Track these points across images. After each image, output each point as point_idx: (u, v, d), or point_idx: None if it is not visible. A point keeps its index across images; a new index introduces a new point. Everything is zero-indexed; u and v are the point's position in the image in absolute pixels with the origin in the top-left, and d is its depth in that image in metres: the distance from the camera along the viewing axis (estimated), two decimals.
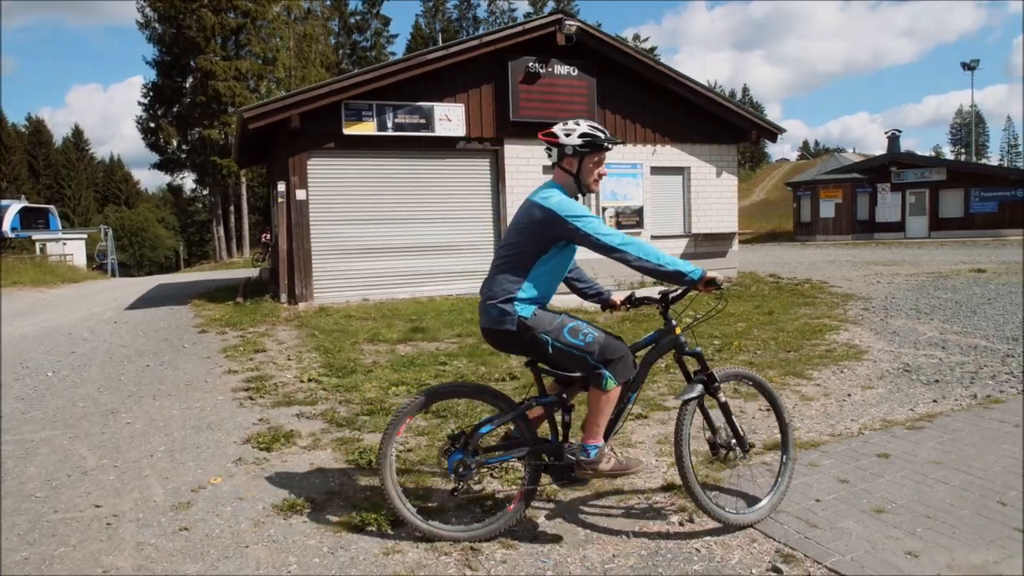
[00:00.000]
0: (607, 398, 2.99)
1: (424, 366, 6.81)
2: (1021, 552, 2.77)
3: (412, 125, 12.04)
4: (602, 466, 3.02)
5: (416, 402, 3.21)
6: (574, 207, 3.00)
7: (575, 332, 3.00)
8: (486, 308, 3.11)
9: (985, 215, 29.41)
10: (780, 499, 3.24)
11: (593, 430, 3.04)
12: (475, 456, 3.13)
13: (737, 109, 14.53)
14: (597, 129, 3.12)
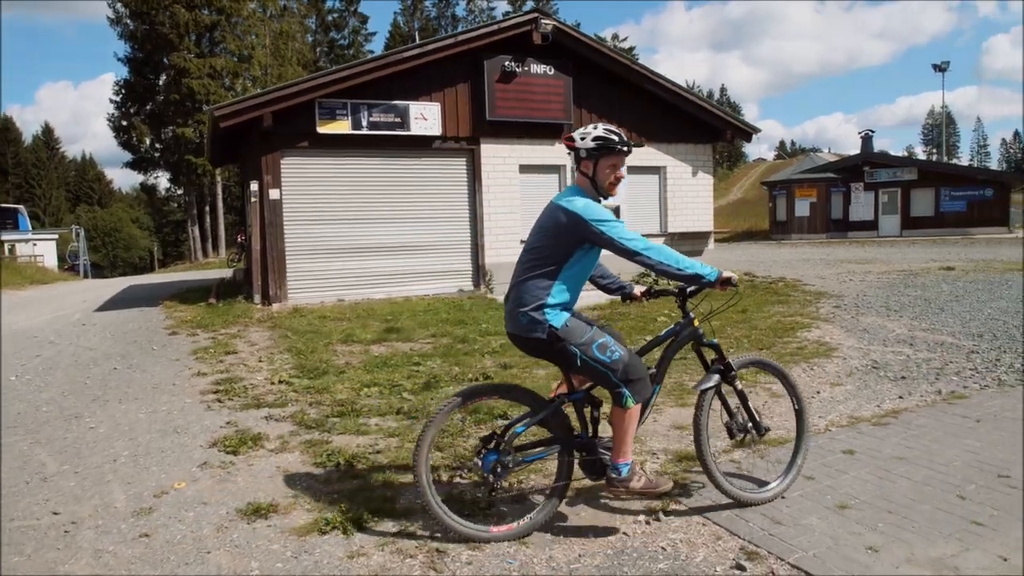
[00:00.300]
0: (630, 416, 3.08)
1: (398, 367, 6.77)
2: (978, 545, 2.82)
3: (387, 124, 11.96)
4: (633, 484, 3.10)
5: (452, 402, 3.20)
6: (599, 211, 3.05)
7: (603, 348, 3.05)
8: (515, 315, 3.12)
9: (955, 214, 29.99)
10: (795, 478, 3.44)
11: (622, 449, 3.10)
12: (510, 455, 3.16)
13: (712, 109, 14.64)
14: (611, 132, 3.15)
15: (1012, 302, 9.77)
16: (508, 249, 12.94)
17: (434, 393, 5.74)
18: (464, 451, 4.22)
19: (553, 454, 3.23)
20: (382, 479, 3.82)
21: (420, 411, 5.17)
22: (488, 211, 12.78)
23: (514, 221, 13.01)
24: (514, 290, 3.18)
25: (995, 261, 16.99)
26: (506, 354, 7.22)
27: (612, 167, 3.16)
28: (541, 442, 3.30)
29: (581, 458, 3.23)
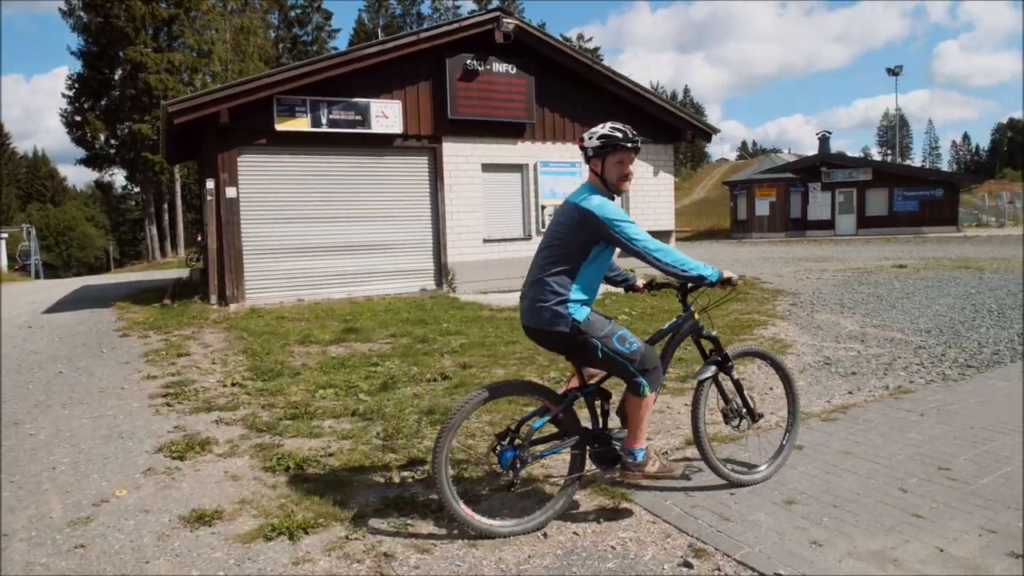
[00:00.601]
0: (645, 403, 3.20)
1: (355, 367, 6.68)
2: (917, 537, 2.88)
3: (347, 122, 11.83)
4: (648, 468, 3.24)
5: (478, 397, 3.21)
6: (614, 210, 3.14)
7: (623, 340, 3.16)
8: (536, 310, 3.18)
9: (907, 213, 30.85)
10: (784, 461, 3.65)
11: (636, 435, 3.22)
12: (528, 450, 3.21)
13: (673, 109, 14.81)
14: (617, 130, 3.22)
15: (958, 299, 10.08)
16: (471, 248, 12.91)
17: (391, 394, 5.67)
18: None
19: (567, 447, 3.30)
20: (333, 482, 3.76)
21: (376, 412, 5.10)
22: (450, 210, 12.72)
23: (477, 220, 12.98)
24: (533, 287, 3.23)
25: (945, 259, 17.52)
26: (466, 354, 7.19)
27: (619, 163, 3.24)
28: (555, 436, 3.35)
29: (593, 450, 3.33)
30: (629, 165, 3.26)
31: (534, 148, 13.51)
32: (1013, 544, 2.79)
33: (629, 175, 3.27)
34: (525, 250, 13.45)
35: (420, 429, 4.71)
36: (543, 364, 6.63)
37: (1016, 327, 7.77)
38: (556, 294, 3.12)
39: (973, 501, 3.21)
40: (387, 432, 4.64)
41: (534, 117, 13.28)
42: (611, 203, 3.19)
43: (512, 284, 13.07)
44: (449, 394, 5.63)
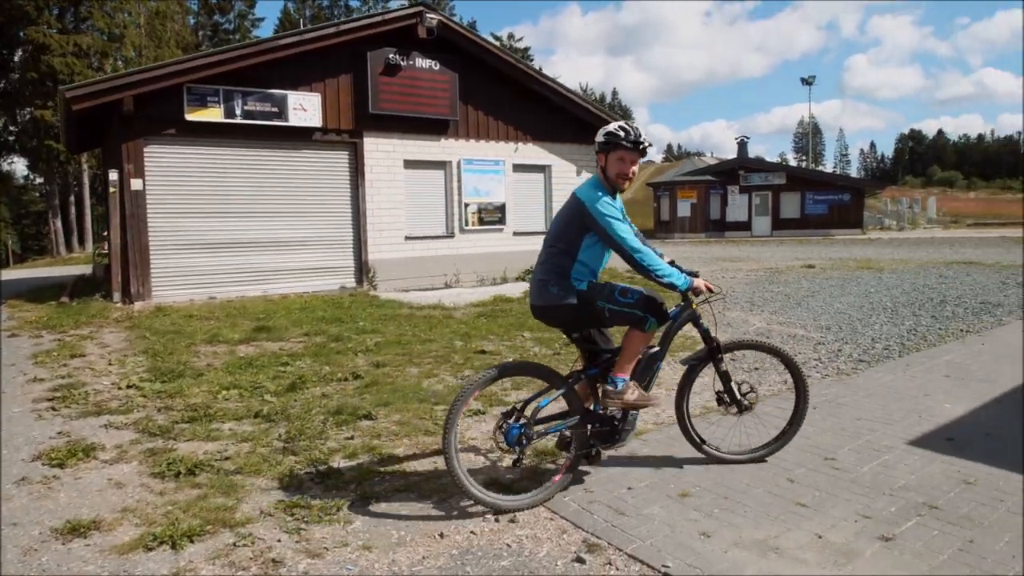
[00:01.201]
0: (644, 338, 3.41)
1: (263, 367, 6.46)
2: (799, 525, 3.00)
3: (263, 113, 11.43)
4: (627, 397, 3.41)
5: (488, 375, 3.35)
6: (606, 206, 3.34)
7: (624, 293, 3.38)
8: (543, 288, 3.42)
9: (818, 216, 32.43)
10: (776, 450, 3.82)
11: (624, 365, 3.42)
12: (533, 428, 3.36)
13: (595, 110, 15.01)
14: (622, 129, 3.41)
15: (858, 297, 10.63)
16: (392, 245, 12.73)
17: (298, 395, 5.51)
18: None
19: (570, 426, 3.44)
20: (226, 486, 3.60)
21: (280, 414, 4.94)
22: (371, 207, 12.50)
23: (399, 217, 12.81)
24: (539, 269, 3.50)
25: (850, 260, 18.48)
26: (381, 353, 7.07)
27: (619, 160, 3.40)
28: (559, 415, 3.50)
29: (594, 429, 3.47)
30: (631, 165, 3.43)
31: (458, 146, 13.44)
32: (884, 528, 2.94)
33: (629, 174, 3.44)
34: (448, 248, 13.38)
35: (325, 430, 4.59)
36: (458, 362, 6.59)
37: (907, 323, 8.26)
38: (559, 274, 3.39)
39: (852, 488, 3.37)
40: (290, 434, 4.50)
41: (458, 114, 13.20)
42: (607, 199, 3.36)
43: (434, 282, 12.98)
44: (359, 394, 5.52)
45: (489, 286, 12.76)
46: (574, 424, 3.44)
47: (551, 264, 3.42)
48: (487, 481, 3.54)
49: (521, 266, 14.07)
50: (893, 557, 2.71)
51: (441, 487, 3.58)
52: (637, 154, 3.42)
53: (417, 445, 4.29)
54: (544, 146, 14.59)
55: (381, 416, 4.92)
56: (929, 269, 15.33)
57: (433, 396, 5.40)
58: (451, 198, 13.44)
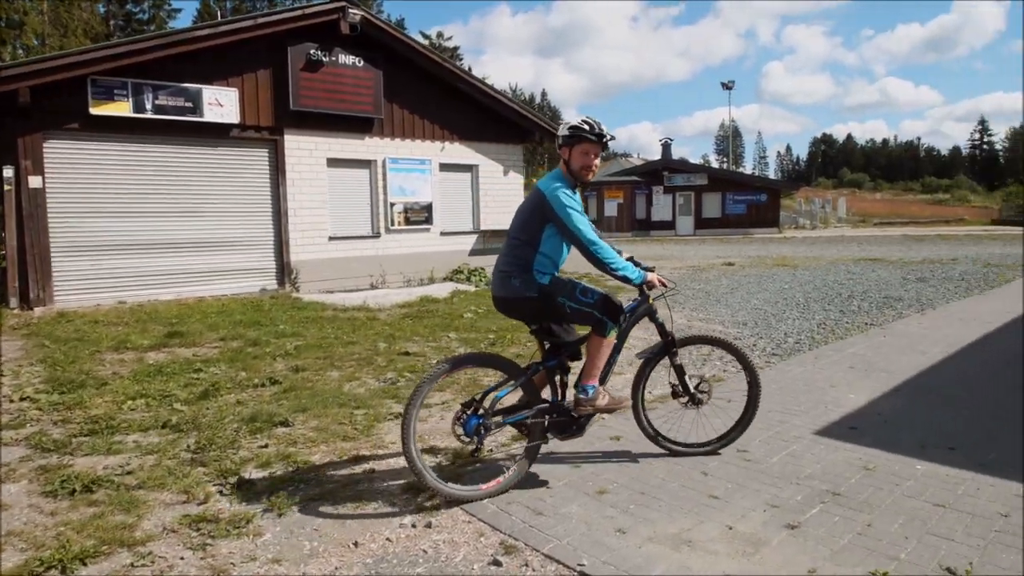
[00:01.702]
0: (606, 344, 3.49)
1: (174, 375, 6.15)
2: (711, 517, 3.07)
3: (176, 108, 10.93)
4: (599, 403, 3.51)
5: (438, 371, 3.37)
6: (566, 198, 3.40)
7: (585, 292, 3.45)
8: (506, 280, 3.48)
9: (737, 216, 33.66)
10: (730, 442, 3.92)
11: (592, 372, 3.50)
12: (491, 419, 3.42)
13: (521, 110, 15.07)
14: (586, 123, 3.48)
15: (774, 293, 11.07)
16: (316, 245, 12.41)
17: (211, 402, 5.27)
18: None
19: (528, 416, 3.49)
20: (126, 503, 3.40)
21: (191, 423, 4.71)
22: (293, 206, 12.14)
23: (322, 217, 12.50)
24: (502, 261, 3.55)
25: (767, 258, 19.25)
26: (300, 357, 6.86)
27: (584, 154, 3.48)
28: (517, 406, 3.56)
29: (552, 419, 3.53)
30: (595, 157, 3.52)
31: (383, 144, 13.23)
32: (791, 517, 3.05)
33: (593, 167, 3.53)
34: (373, 249, 13.15)
35: (237, 439, 4.41)
36: (381, 365, 6.47)
37: (817, 318, 8.64)
38: (521, 267, 3.45)
39: (762, 479, 3.48)
40: (199, 444, 4.29)
41: (383, 112, 12.98)
42: (567, 192, 3.42)
43: (360, 283, 12.73)
44: (276, 400, 5.33)
45: (416, 287, 12.61)
46: (532, 414, 3.49)
47: (513, 256, 3.48)
48: (446, 472, 3.61)
49: (449, 266, 13.98)
50: (798, 544, 2.80)
51: (358, 494, 3.49)
52: (599, 147, 3.52)
53: (335, 451, 4.17)
54: (471, 145, 14.54)
55: (298, 422, 4.77)
56: (839, 266, 16.13)
57: (353, 400, 5.28)
58: (376, 197, 13.22)
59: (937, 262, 16.66)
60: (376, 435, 4.47)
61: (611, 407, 3.56)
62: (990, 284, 11.89)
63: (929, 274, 13.75)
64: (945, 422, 4.34)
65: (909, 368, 5.84)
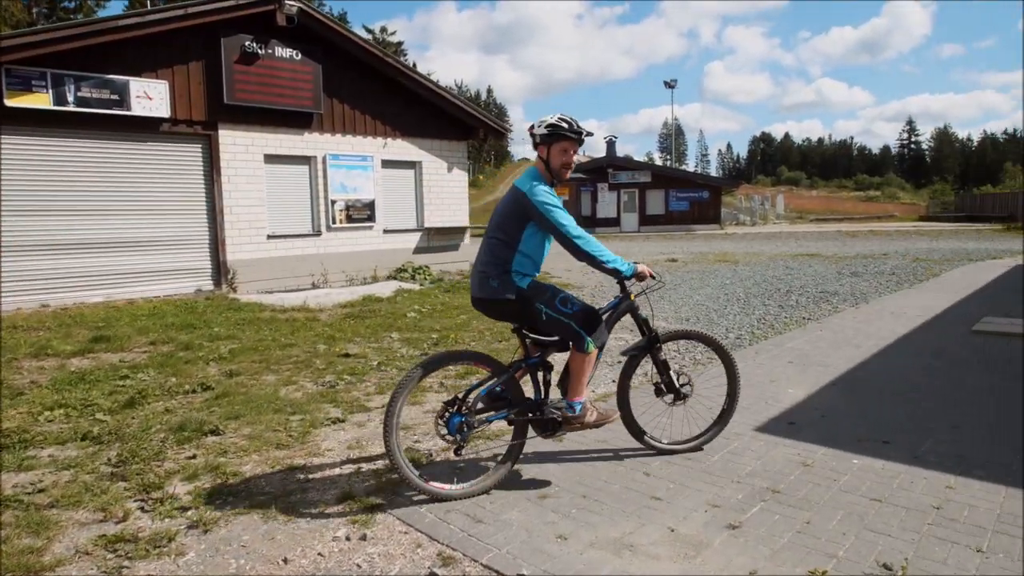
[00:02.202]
0: (588, 360, 3.43)
1: (98, 382, 5.82)
2: (653, 519, 3.03)
3: (101, 101, 10.39)
4: (587, 419, 3.49)
5: (418, 372, 3.33)
6: (545, 196, 3.36)
7: (565, 302, 3.42)
8: (484, 280, 3.43)
9: (680, 212, 34.27)
10: (711, 439, 3.93)
11: (577, 388, 3.46)
12: (474, 417, 3.40)
13: (465, 106, 14.92)
14: (564, 121, 3.47)
15: (716, 289, 11.26)
16: (254, 244, 12.02)
17: (137, 411, 4.99)
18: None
19: (510, 415, 3.48)
20: (36, 524, 3.15)
21: (114, 434, 4.44)
22: (229, 203, 11.71)
23: (260, 214, 12.10)
24: (480, 261, 3.51)
25: (709, 254, 19.63)
26: (235, 360, 6.60)
27: (563, 151, 3.46)
28: (499, 404, 3.51)
29: (534, 417, 3.50)
30: (573, 154, 3.51)
31: (323, 140, 12.89)
32: (732, 516, 3.04)
33: (571, 163, 3.50)
34: (315, 247, 12.81)
35: (163, 450, 4.17)
36: (320, 368, 6.27)
37: (757, 312, 8.81)
38: (500, 267, 3.39)
39: (704, 478, 3.47)
40: (121, 456, 4.04)
41: (322, 107, 12.65)
42: (546, 189, 3.40)
43: (301, 283, 12.40)
44: (208, 407, 5.09)
45: (359, 286, 12.34)
46: (515, 413, 3.48)
47: (492, 256, 3.44)
48: (428, 470, 3.61)
49: (393, 264, 13.75)
50: (739, 545, 2.78)
51: (290, 506, 3.33)
52: (578, 144, 3.52)
53: (267, 461, 3.99)
54: (414, 142, 14.32)
55: (230, 430, 4.56)
56: (778, 261, 16.56)
57: (289, 406, 5.08)
58: (317, 195, 12.88)
59: (870, 257, 17.28)
60: (312, 442, 4.30)
61: (599, 422, 3.54)
62: (919, 278, 12.37)
63: (862, 269, 14.23)
64: (879, 415, 4.44)
65: (844, 362, 5.98)
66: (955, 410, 4.52)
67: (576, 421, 3.47)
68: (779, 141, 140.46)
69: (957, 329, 7.39)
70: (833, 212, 60.90)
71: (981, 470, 3.44)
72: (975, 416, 4.37)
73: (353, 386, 5.67)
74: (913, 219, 49.40)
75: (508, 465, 3.46)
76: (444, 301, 10.47)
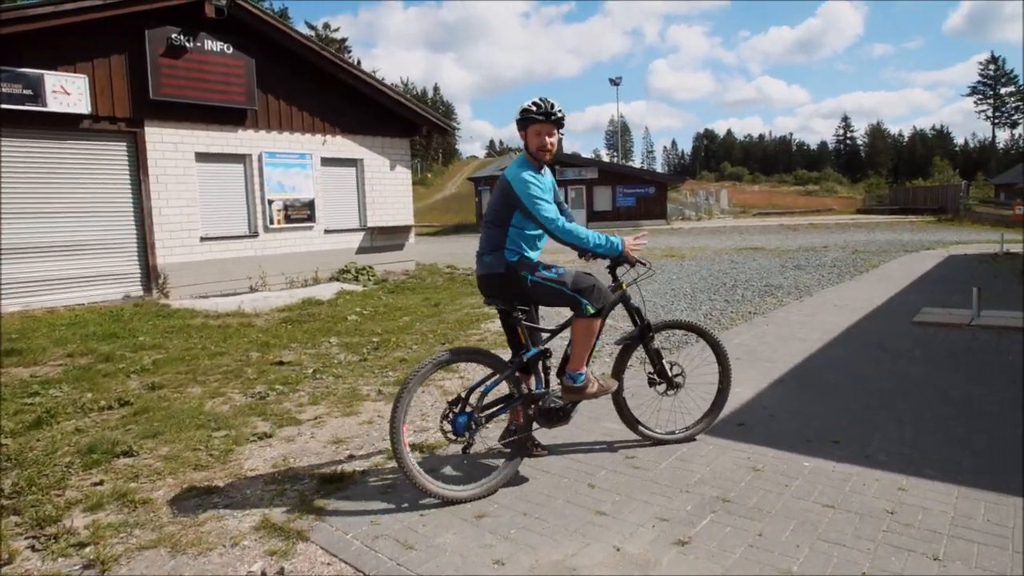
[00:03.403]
0: (588, 326, 3.38)
1: (3, 401, 5.32)
2: (598, 537, 2.82)
3: (13, 96, 9.68)
4: (589, 390, 3.47)
5: (430, 364, 3.28)
6: (528, 184, 3.33)
7: (549, 268, 3.41)
8: (480, 259, 3.52)
9: (627, 208, 34.52)
10: (703, 429, 3.95)
11: (578, 357, 3.43)
12: (480, 414, 3.36)
13: (407, 103, 14.56)
14: (535, 104, 3.42)
15: (662, 284, 11.22)
16: (186, 247, 11.43)
17: (44, 432, 4.56)
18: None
19: (514, 408, 3.48)
20: None
21: (14, 460, 4.02)
22: (158, 204, 11.10)
23: (192, 216, 11.51)
24: (479, 244, 3.56)
25: (656, 249, 19.71)
26: (159, 372, 6.17)
27: (536, 135, 3.43)
28: (502, 399, 3.49)
29: (538, 408, 3.46)
30: (548, 136, 3.43)
31: (258, 137, 12.36)
32: (681, 531, 2.85)
33: (547, 146, 3.43)
34: (251, 249, 12.28)
35: (67, 476, 3.78)
36: (251, 377, 5.91)
37: (704, 308, 8.76)
38: (493, 245, 3.45)
39: (651, 488, 3.28)
40: (17, 486, 3.64)
41: (256, 103, 12.12)
42: (530, 175, 3.35)
43: (238, 286, 11.87)
44: (124, 424, 4.69)
45: (299, 288, 11.88)
46: (518, 407, 3.46)
47: (487, 237, 3.50)
48: (437, 473, 3.51)
49: (335, 266, 13.32)
50: (688, 563, 2.60)
51: (201, 537, 3.01)
52: (551, 125, 3.44)
53: (183, 484, 3.64)
54: (355, 139, 13.89)
55: (145, 451, 4.18)
56: (723, 256, 16.72)
57: (214, 421, 4.71)
58: (252, 194, 12.34)
59: (811, 250, 17.61)
60: (234, 461, 3.97)
61: (600, 393, 3.50)
62: (859, 270, 12.61)
63: (805, 262, 14.45)
64: (827, 413, 4.35)
65: (791, 357, 5.92)
66: (901, 404, 4.47)
67: (577, 392, 3.45)
68: (722, 137, 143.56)
69: (898, 320, 7.47)
70: (775, 206, 62.48)
71: (931, 469, 3.35)
72: (921, 410, 4.32)
73: (285, 396, 5.33)
74: (850, 212, 51.02)
75: (516, 461, 3.40)
76: (387, 303, 10.14)
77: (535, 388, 3.53)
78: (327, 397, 5.26)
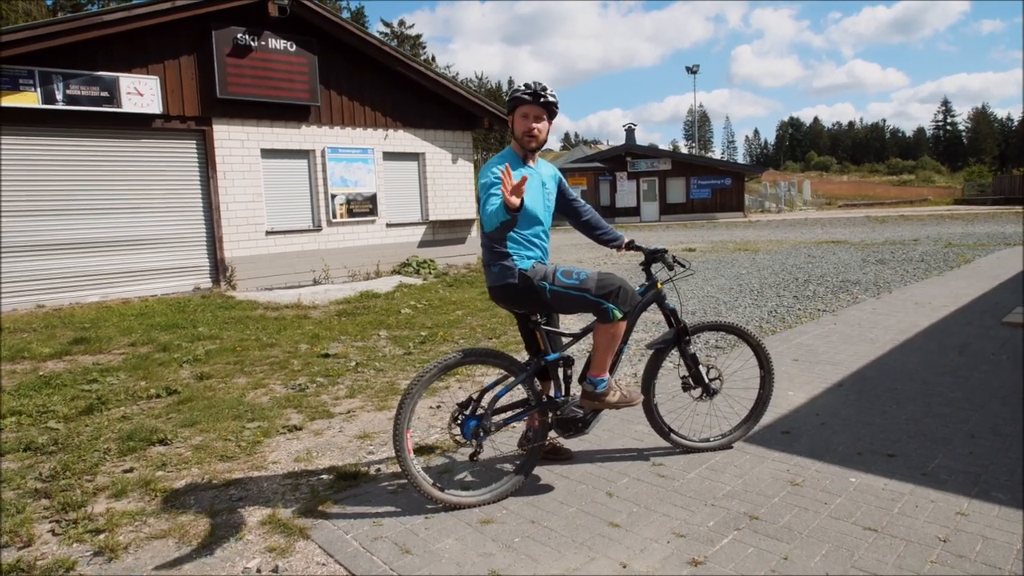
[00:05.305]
0: (614, 332, 3.11)
1: (63, 387, 5.57)
2: (605, 552, 2.61)
3: (91, 99, 10.19)
4: (609, 398, 3.19)
5: (440, 365, 3.10)
6: (483, 176, 3.07)
7: (567, 274, 3.09)
8: (488, 270, 3.25)
9: (702, 200, 33.47)
10: (741, 436, 3.68)
11: (600, 363, 3.16)
12: (491, 419, 3.15)
13: (468, 95, 14.49)
14: (524, 85, 3.20)
15: (729, 279, 10.72)
16: (252, 241, 11.77)
17: (93, 418, 4.72)
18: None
19: (530, 415, 3.27)
20: None
21: (61, 444, 4.16)
22: (226, 200, 11.47)
23: (258, 210, 11.84)
24: (482, 254, 3.30)
25: (729, 242, 18.98)
26: (210, 362, 6.31)
27: (523, 117, 3.18)
28: (517, 404, 3.29)
29: (556, 417, 3.28)
30: (534, 121, 3.16)
31: (321, 133, 12.58)
32: (697, 549, 2.60)
33: (533, 131, 3.17)
34: (315, 243, 12.53)
35: (101, 462, 3.87)
36: (295, 369, 5.95)
37: (770, 304, 8.28)
38: (499, 254, 3.16)
39: (674, 500, 3.03)
40: (54, 470, 3.75)
41: (319, 99, 12.34)
42: (493, 170, 3.02)
43: (301, 279, 12.13)
44: (168, 413, 4.80)
45: (360, 281, 12.04)
46: (534, 414, 3.27)
47: (490, 247, 3.22)
48: (444, 478, 3.38)
49: (396, 259, 13.43)
50: None
51: (208, 529, 2.98)
52: (539, 108, 3.15)
53: (206, 474, 3.65)
54: (417, 133, 13.95)
55: (179, 439, 4.25)
56: (800, 249, 15.89)
57: (251, 411, 4.75)
58: (316, 189, 12.59)
59: (899, 243, 16.51)
60: (259, 453, 3.96)
61: (622, 403, 3.22)
62: (949, 265, 11.68)
63: (889, 256, 13.54)
64: (887, 423, 3.94)
65: (855, 359, 5.46)
66: (976, 416, 4.00)
67: (598, 399, 3.17)
68: (808, 126, 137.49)
69: (985, 321, 6.81)
70: (863, 197, 59.29)
71: (1001, 492, 2.94)
72: (999, 424, 3.85)
73: (324, 389, 5.33)
74: (948, 202, 47.79)
75: (527, 470, 3.21)
76: (443, 296, 10.11)
77: (555, 396, 3.29)
78: (364, 390, 5.23)
